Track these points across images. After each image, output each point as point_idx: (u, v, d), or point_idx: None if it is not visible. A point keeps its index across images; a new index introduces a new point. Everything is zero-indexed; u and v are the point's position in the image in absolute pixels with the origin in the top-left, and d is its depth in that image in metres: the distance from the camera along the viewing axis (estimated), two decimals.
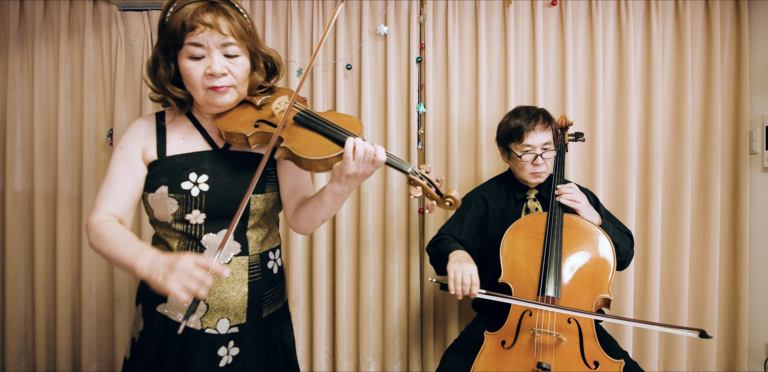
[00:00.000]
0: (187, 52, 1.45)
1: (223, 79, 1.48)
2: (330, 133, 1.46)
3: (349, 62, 3.02)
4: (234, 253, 1.58)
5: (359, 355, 3.09)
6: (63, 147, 3.07)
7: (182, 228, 1.54)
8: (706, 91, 2.94)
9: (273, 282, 1.69)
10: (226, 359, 1.56)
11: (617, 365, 1.83)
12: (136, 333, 1.62)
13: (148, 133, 1.60)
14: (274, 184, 1.66)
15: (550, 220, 2.15)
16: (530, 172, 2.32)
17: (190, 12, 1.41)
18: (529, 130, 2.27)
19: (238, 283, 1.57)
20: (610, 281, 2.01)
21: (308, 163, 1.43)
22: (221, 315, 1.56)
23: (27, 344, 3.20)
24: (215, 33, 1.43)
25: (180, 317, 1.54)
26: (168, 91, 1.54)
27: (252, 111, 1.58)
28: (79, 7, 3.06)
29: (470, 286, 1.92)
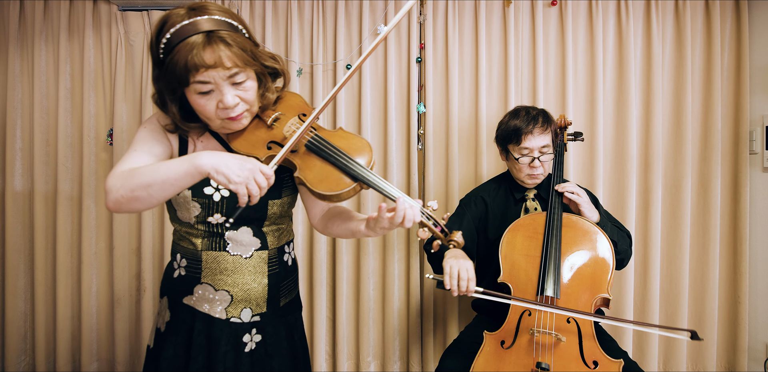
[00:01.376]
0: (195, 89, 1.42)
1: (237, 108, 1.47)
2: (341, 166, 1.47)
3: (349, 62, 3.02)
4: (255, 247, 1.64)
5: (359, 355, 3.09)
6: (63, 147, 3.07)
7: (204, 228, 1.60)
8: (706, 91, 2.94)
9: (289, 273, 1.77)
10: (250, 345, 1.65)
11: (616, 365, 1.83)
12: (162, 323, 1.67)
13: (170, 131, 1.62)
14: (291, 188, 1.70)
15: (549, 219, 2.15)
16: (527, 174, 2.33)
17: (189, 53, 1.35)
18: (527, 133, 2.27)
19: (259, 275, 1.65)
20: (609, 281, 2.01)
21: (320, 196, 1.46)
22: (244, 305, 1.64)
23: (27, 344, 3.20)
24: (219, 69, 1.39)
25: (206, 308, 1.61)
26: (183, 128, 1.55)
27: (264, 130, 1.57)
28: (79, 7, 3.07)
29: (467, 282, 1.91)
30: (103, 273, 3.16)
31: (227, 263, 1.61)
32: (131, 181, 1.33)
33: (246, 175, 1.28)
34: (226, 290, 1.61)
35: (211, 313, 1.61)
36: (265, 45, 2.99)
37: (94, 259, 3.12)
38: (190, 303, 1.63)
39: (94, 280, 3.13)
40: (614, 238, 2.18)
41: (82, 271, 3.09)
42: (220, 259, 1.61)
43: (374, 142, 3.06)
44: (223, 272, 1.61)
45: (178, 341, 1.62)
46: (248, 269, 1.63)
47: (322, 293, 3.05)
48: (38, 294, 3.11)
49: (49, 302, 3.15)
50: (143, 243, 3.07)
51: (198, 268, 1.62)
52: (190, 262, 1.63)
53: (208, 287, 1.61)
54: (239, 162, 1.30)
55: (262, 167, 1.32)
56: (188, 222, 1.60)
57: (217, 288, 1.61)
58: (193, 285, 1.63)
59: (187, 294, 1.64)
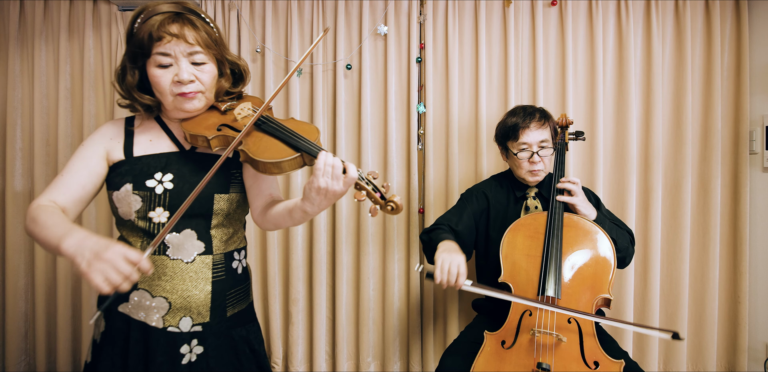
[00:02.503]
0: (155, 61, 1.50)
1: (191, 86, 1.53)
2: (286, 139, 1.51)
3: (349, 62, 3.02)
4: (198, 252, 1.59)
5: (359, 355, 3.09)
6: (63, 147, 3.07)
7: (145, 226, 1.56)
8: (706, 91, 2.94)
9: (237, 282, 1.71)
10: (189, 357, 1.57)
11: (617, 365, 1.83)
12: (98, 334, 1.62)
13: (115, 134, 1.64)
14: (239, 186, 1.69)
15: (550, 219, 2.15)
16: (527, 170, 2.33)
17: (157, 23, 1.46)
18: (524, 128, 2.28)
19: (201, 281, 1.59)
20: (611, 281, 2.01)
21: (263, 166, 1.47)
22: (183, 313, 1.57)
23: (27, 344, 3.20)
24: (181, 42, 1.48)
25: (142, 316, 1.55)
26: (135, 97, 1.58)
27: (217, 116, 1.63)
28: (79, 7, 3.07)
29: (456, 277, 1.90)
30: None
31: (166, 268, 1.55)
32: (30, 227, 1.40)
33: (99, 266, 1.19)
34: (164, 297, 1.55)
35: (147, 322, 1.55)
36: (265, 45, 2.99)
37: None
38: (126, 311, 1.57)
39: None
40: (613, 236, 2.18)
41: None
42: (159, 263, 1.55)
43: (374, 142, 3.06)
44: (161, 278, 1.55)
45: (114, 352, 1.56)
46: (189, 275, 1.57)
47: (322, 293, 3.05)
48: (38, 294, 3.11)
49: (50, 302, 3.15)
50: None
51: None
52: None
53: (144, 293, 1.55)
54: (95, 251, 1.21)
55: (128, 253, 1.22)
56: (129, 219, 1.57)
57: (154, 294, 1.55)
58: (129, 291, 1.55)
59: (122, 301, 1.57)
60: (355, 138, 3.06)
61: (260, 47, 3.01)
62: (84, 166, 1.57)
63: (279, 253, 3.08)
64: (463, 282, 1.91)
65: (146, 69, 1.54)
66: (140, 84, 1.59)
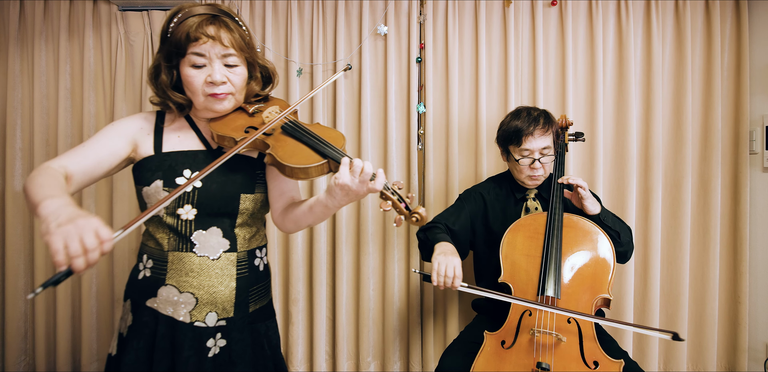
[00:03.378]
0: (190, 61, 1.54)
1: (223, 87, 1.57)
2: (313, 145, 1.54)
3: (349, 62, 3.02)
4: (223, 249, 1.63)
5: (359, 355, 3.09)
6: (63, 147, 3.07)
7: (173, 222, 1.59)
8: (706, 91, 2.94)
9: (259, 278, 1.75)
10: (213, 350, 1.62)
11: (617, 365, 1.83)
12: (124, 328, 1.65)
13: (146, 125, 1.68)
14: (263, 186, 1.73)
15: (550, 219, 2.15)
16: (527, 175, 2.33)
17: (195, 24, 1.50)
18: (527, 135, 2.26)
19: (226, 278, 1.63)
20: (610, 281, 2.01)
21: (290, 171, 1.50)
22: (210, 309, 1.61)
23: (27, 344, 3.20)
24: (217, 44, 1.53)
25: (170, 311, 1.59)
26: (169, 96, 1.62)
27: (245, 117, 1.67)
28: (79, 7, 3.06)
29: (452, 279, 1.93)
30: (103, 273, 3.15)
31: (193, 264, 1.59)
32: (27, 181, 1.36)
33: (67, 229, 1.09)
34: (191, 293, 1.59)
35: (174, 317, 1.59)
36: (265, 45, 2.99)
37: None
38: (154, 306, 1.60)
39: (94, 280, 3.13)
40: (617, 229, 2.20)
41: None
42: (186, 260, 1.59)
43: (374, 142, 3.06)
44: (189, 274, 1.59)
45: (140, 346, 1.59)
46: (215, 271, 1.61)
47: (322, 293, 3.05)
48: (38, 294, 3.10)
49: (49, 302, 3.15)
50: None
51: (163, 269, 1.60)
52: (156, 263, 1.62)
53: (172, 289, 1.59)
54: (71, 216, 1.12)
55: (101, 230, 1.11)
56: (157, 215, 1.60)
57: (182, 290, 1.59)
58: (157, 287, 1.60)
59: (150, 296, 1.61)
60: (355, 138, 3.06)
61: (260, 47, 3.01)
62: (108, 143, 1.59)
63: (279, 253, 3.08)
64: (458, 284, 1.93)
65: (180, 68, 1.58)
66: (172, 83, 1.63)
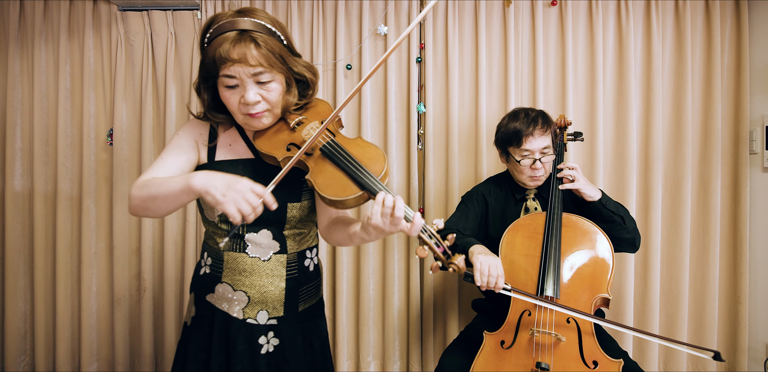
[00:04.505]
0: (223, 82, 1.53)
1: (258, 106, 1.55)
2: (351, 172, 1.50)
3: (349, 62, 3.02)
4: (273, 251, 1.68)
5: (359, 355, 3.09)
6: (63, 147, 3.07)
7: (227, 227, 1.66)
8: (706, 91, 2.94)
9: (309, 278, 1.80)
10: (266, 348, 1.68)
11: (616, 365, 1.83)
12: (189, 318, 1.75)
13: (203, 131, 1.72)
14: (310, 192, 1.74)
15: (549, 219, 2.15)
16: (528, 176, 2.32)
17: (220, 47, 1.47)
18: (527, 135, 2.26)
19: (276, 278, 1.69)
20: (609, 281, 2.01)
21: (328, 201, 1.49)
22: (261, 307, 1.68)
23: (27, 344, 3.20)
24: (245, 66, 1.49)
25: (225, 307, 1.67)
26: (210, 117, 1.66)
27: (286, 132, 1.65)
28: (79, 7, 3.07)
29: (496, 278, 1.89)
30: (103, 273, 3.16)
31: (246, 264, 1.66)
32: (142, 193, 1.46)
33: (232, 195, 1.30)
34: (244, 291, 1.66)
35: (229, 312, 1.66)
36: None
37: (94, 259, 3.12)
38: (212, 301, 1.69)
39: (94, 280, 3.14)
40: (620, 214, 2.20)
41: (82, 271, 3.09)
42: (240, 260, 1.66)
43: (374, 142, 3.05)
44: (242, 273, 1.66)
45: (202, 335, 1.68)
46: (266, 272, 1.67)
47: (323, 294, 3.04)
48: (38, 294, 3.11)
49: (49, 302, 3.15)
50: (143, 243, 3.07)
51: (220, 268, 1.68)
52: (214, 261, 1.70)
53: (227, 287, 1.67)
54: (228, 182, 1.33)
55: (255, 187, 1.33)
56: (213, 221, 1.67)
57: (236, 288, 1.66)
58: (215, 283, 1.69)
59: (209, 291, 1.70)
60: None
61: None
62: (182, 152, 1.65)
63: None
64: (502, 284, 1.91)
65: (218, 88, 1.58)
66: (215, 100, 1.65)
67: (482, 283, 1.90)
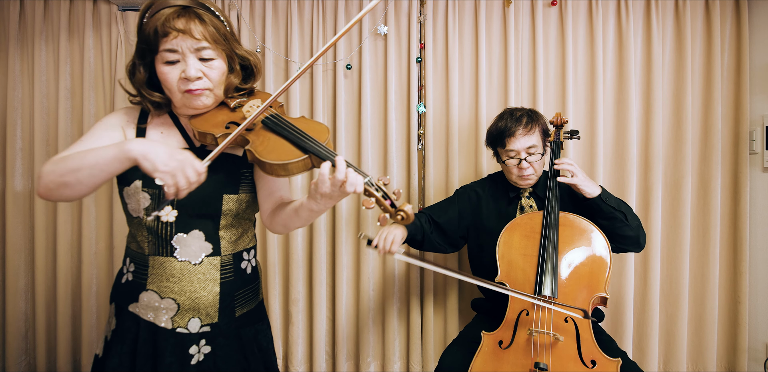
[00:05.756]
0: (163, 58, 1.47)
1: (198, 83, 1.49)
2: (294, 139, 1.47)
3: (349, 62, 3.02)
4: (205, 253, 1.57)
5: (359, 355, 3.09)
6: (63, 147, 3.07)
7: (152, 225, 1.54)
8: (706, 91, 2.93)
9: (246, 282, 1.69)
10: (197, 357, 1.56)
11: (614, 364, 1.83)
12: (109, 332, 1.62)
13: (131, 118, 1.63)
14: (249, 186, 1.67)
15: (546, 218, 2.15)
16: (517, 176, 2.34)
17: (162, 18, 1.43)
18: (510, 136, 2.27)
19: (209, 282, 1.58)
20: (607, 279, 2.01)
21: (269, 167, 1.43)
22: (192, 314, 1.56)
23: (27, 344, 3.20)
24: (188, 38, 1.44)
25: (151, 317, 1.55)
26: (144, 95, 1.56)
27: (226, 113, 1.60)
28: (79, 7, 3.07)
29: (390, 243, 2.11)
30: (103, 273, 3.16)
31: (174, 269, 1.54)
32: (61, 166, 1.32)
33: (174, 165, 1.24)
34: (173, 298, 1.54)
35: (156, 322, 1.54)
36: (265, 45, 2.99)
37: (94, 259, 3.13)
38: (135, 311, 1.57)
39: (94, 280, 3.14)
40: (622, 209, 2.19)
41: (82, 271, 3.09)
42: (167, 264, 1.54)
43: (374, 142, 3.06)
44: (170, 279, 1.54)
45: (123, 350, 1.55)
46: (197, 276, 1.56)
47: (322, 293, 3.05)
48: (38, 294, 3.11)
49: (49, 302, 3.15)
50: None
51: (144, 274, 1.56)
52: (137, 267, 1.58)
53: (153, 295, 1.55)
54: (170, 151, 1.26)
55: (195, 162, 1.28)
56: (138, 216, 1.55)
57: (163, 296, 1.54)
58: (138, 292, 1.56)
59: (132, 301, 1.57)
60: (355, 138, 3.06)
61: (260, 47, 3.01)
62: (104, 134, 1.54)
63: (279, 253, 3.08)
64: (396, 249, 2.11)
65: (155, 65, 1.51)
66: (150, 81, 1.57)
67: (378, 245, 2.12)
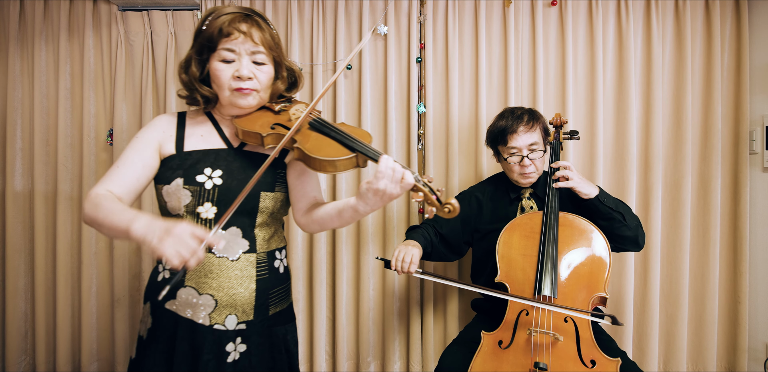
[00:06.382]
0: (220, 56, 1.59)
1: (249, 83, 1.60)
2: (342, 139, 1.56)
3: (349, 62, 3.02)
4: (242, 250, 1.63)
5: (359, 355, 3.09)
6: (63, 147, 3.08)
7: (192, 220, 1.59)
8: (706, 91, 2.93)
9: (279, 281, 1.74)
10: (233, 355, 1.61)
11: (614, 364, 1.83)
12: (144, 331, 1.66)
13: (168, 127, 1.70)
14: (284, 185, 1.74)
15: (545, 218, 2.15)
16: (518, 173, 2.34)
17: (228, 20, 1.56)
18: (512, 133, 2.28)
19: (246, 279, 1.63)
20: (606, 280, 2.01)
21: (318, 163, 1.52)
22: (229, 311, 1.61)
23: (27, 344, 3.20)
24: (248, 41, 1.58)
25: (189, 313, 1.59)
26: (197, 88, 1.66)
27: (270, 115, 1.69)
28: (79, 7, 3.07)
29: (408, 264, 2.06)
30: (103, 273, 3.16)
31: (212, 265, 1.59)
32: (92, 213, 1.44)
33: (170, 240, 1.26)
34: (211, 294, 1.59)
35: (194, 319, 1.58)
36: None
37: (94, 259, 3.13)
38: (173, 308, 1.60)
39: (94, 280, 3.14)
40: (620, 210, 2.19)
41: (82, 271, 3.09)
42: (205, 261, 1.59)
43: (374, 142, 3.04)
44: (208, 275, 1.59)
45: (159, 349, 1.59)
46: (234, 273, 1.61)
47: (322, 293, 3.05)
48: (38, 294, 3.11)
49: (49, 302, 3.16)
50: None
51: None
52: None
53: (191, 291, 1.59)
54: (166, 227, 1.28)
55: (195, 230, 1.29)
56: (177, 213, 1.60)
57: (201, 292, 1.59)
58: (176, 288, 1.60)
59: (169, 298, 1.61)
60: None
61: None
62: (139, 158, 1.62)
63: None
64: (414, 269, 2.07)
65: (209, 62, 1.63)
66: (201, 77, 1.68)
67: (396, 267, 2.08)
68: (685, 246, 2.91)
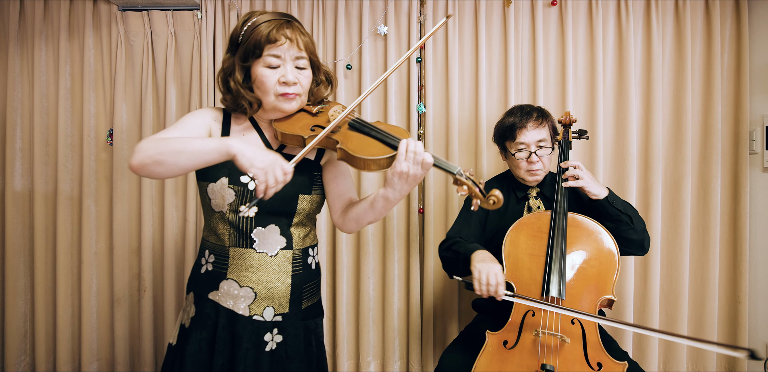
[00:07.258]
0: (265, 62, 1.62)
1: (294, 88, 1.65)
2: (382, 138, 1.62)
3: (349, 62, 3.01)
4: (280, 246, 1.72)
5: (359, 355, 3.09)
6: (63, 147, 3.07)
7: (234, 219, 1.68)
8: (706, 91, 2.94)
9: (312, 276, 1.83)
10: (270, 345, 1.70)
11: (621, 367, 1.82)
12: (186, 319, 1.75)
13: (215, 120, 1.76)
14: (320, 188, 1.81)
15: (554, 218, 2.13)
16: (526, 170, 2.33)
17: (274, 27, 1.60)
18: (521, 128, 2.28)
19: (283, 274, 1.72)
20: (614, 282, 1.99)
21: (362, 163, 1.58)
22: (267, 303, 1.71)
23: (27, 344, 3.20)
24: (293, 47, 1.63)
25: (230, 304, 1.69)
26: (242, 94, 1.68)
27: (308, 117, 1.74)
28: (79, 7, 3.06)
29: (496, 287, 1.88)
30: (103, 273, 3.15)
31: (253, 260, 1.69)
32: (163, 146, 1.44)
33: (267, 164, 1.38)
34: (251, 287, 1.68)
35: (234, 310, 1.68)
36: None
37: (94, 259, 3.12)
38: (215, 298, 1.70)
39: (94, 280, 3.13)
40: (628, 213, 2.18)
41: (82, 271, 3.08)
42: (247, 255, 1.68)
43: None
44: (249, 269, 1.69)
45: (202, 337, 1.68)
46: (273, 268, 1.71)
47: (323, 293, 3.04)
48: (38, 294, 3.11)
49: (49, 302, 3.15)
50: (143, 243, 3.07)
51: (225, 264, 1.70)
52: (217, 258, 1.71)
53: (233, 283, 1.69)
54: (263, 152, 1.40)
55: (283, 163, 1.41)
56: (221, 211, 1.69)
57: (242, 284, 1.68)
58: (219, 280, 1.70)
59: (212, 289, 1.71)
60: None
61: None
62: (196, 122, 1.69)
63: None
64: (502, 292, 1.89)
65: (252, 69, 1.66)
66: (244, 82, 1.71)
67: (482, 291, 1.91)
68: (685, 246, 2.92)
